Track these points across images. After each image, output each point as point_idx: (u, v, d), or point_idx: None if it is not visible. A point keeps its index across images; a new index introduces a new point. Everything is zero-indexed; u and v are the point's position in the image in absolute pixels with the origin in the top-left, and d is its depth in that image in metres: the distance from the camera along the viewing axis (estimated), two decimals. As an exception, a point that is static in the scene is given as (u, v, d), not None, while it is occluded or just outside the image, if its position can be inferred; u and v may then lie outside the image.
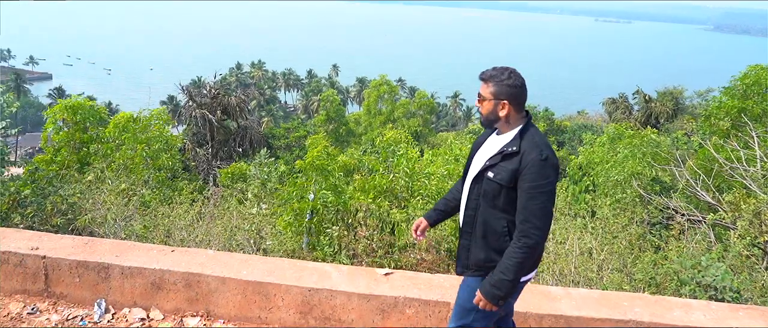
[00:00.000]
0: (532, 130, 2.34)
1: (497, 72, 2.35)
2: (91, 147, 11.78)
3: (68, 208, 6.37)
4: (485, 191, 2.34)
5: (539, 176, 2.21)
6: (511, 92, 2.33)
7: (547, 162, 2.23)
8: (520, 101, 2.35)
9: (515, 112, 2.36)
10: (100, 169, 8.02)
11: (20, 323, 3.32)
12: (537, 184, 2.21)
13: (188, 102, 25.32)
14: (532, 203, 2.20)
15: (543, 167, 2.22)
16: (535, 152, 2.23)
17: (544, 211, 2.21)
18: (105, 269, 3.48)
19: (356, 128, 37.61)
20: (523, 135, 2.32)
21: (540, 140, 2.30)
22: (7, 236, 3.79)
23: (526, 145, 2.28)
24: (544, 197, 2.21)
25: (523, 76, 2.37)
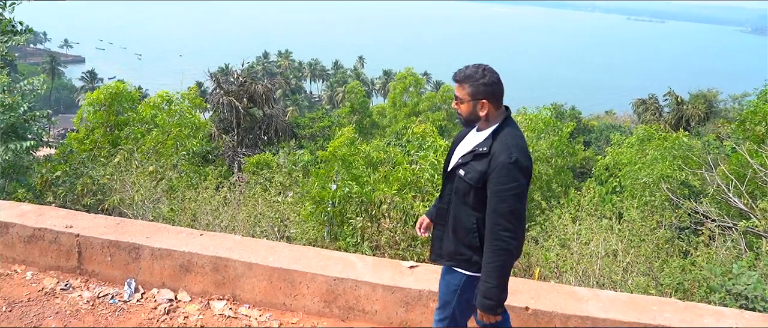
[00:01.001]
0: (506, 130, 2.34)
1: (471, 72, 2.35)
2: (123, 130, 12.04)
3: (98, 189, 6.53)
4: (457, 188, 2.37)
5: (507, 179, 2.22)
6: (487, 91, 2.34)
7: (516, 165, 2.22)
8: (498, 97, 2.36)
9: (494, 109, 2.36)
10: (129, 150, 8.19)
11: (54, 298, 3.42)
12: (505, 187, 2.22)
13: (216, 89, 25.65)
14: (501, 206, 2.22)
15: (511, 170, 2.22)
16: (505, 155, 2.23)
17: (513, 213, 2.21)
18: (136, 250, 3.55)
19: (380, 120, 37.58)
20: (496, 135, 2.32)
21: (512, 141, 2.28)
22: (43, 214, 3.91)
23: (496, 147, 2.28)
24: (513, 199, 2.21)
25: (496, 72, 2.37)
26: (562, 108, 31.38)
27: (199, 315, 3.30)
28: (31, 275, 3.65)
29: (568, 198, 8.62)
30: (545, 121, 12.83)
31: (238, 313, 3.35)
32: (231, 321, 3.27)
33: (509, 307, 3.14)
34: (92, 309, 3.33)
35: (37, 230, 3.72)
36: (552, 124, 13.33)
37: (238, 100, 24.14)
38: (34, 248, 3.74)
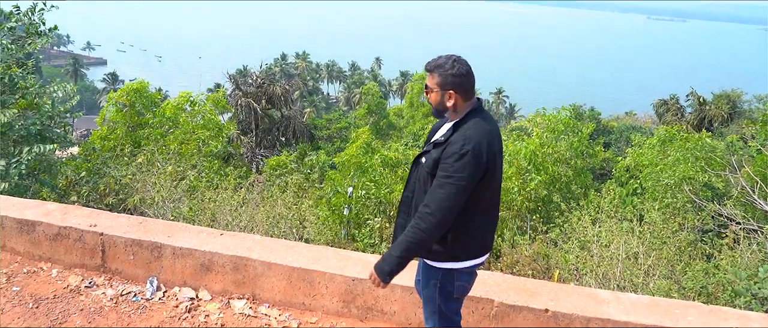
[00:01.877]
0: (471, 122, 2.33)
1: (441, 62, 2.35)
2: (144, 131, 12.24)
3: (120, 188, 6.64)
4: (419, 176, 2.41)
5: (452, 168, 2.22)
6: (455, 82, 2.33)
7: (466, 156, 2.22)
8: (466, 89, 2.35)
9: (463, 100, 2.36)
10: (151, 151, 8.31)
11: (78, 296, 3.49)
12: (448, 174, 2.23)
13: (234, 90, 25.90)
14: (439, 191, 2.23)
15: (459, 160, 2.22)
16: (458, 145, 2.24)
17: (446, 201, 2.21)
18: (158, 249, 3.61)
19: (397, 121, 37.60)
20: (458, 127, 2.33)
21: (471, 133, 2.28)
22: (68, 212, 3.98)
23: (455, 137, 2.29)
24: (453, 188, 2.21)
25: (467, 64, 2.36)
26: (581, 109, 31.04)
27: (220, 314, 3.34)
28: (57, 272, 3.73)
29: (588, 200, 8.52)
30: (564, 122, 12.70)
31: (258, 312, 3.37)
32: (251, 320, 3.30)
33: (528, 309, 3.13)
34: (115, 307, 3.38)
35: (62, 229, 3.80)
36: (571, 125, 13.20)
37: (257, 102, 24.34)
38: (60, 246, 3.82)
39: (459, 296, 2.49)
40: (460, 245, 2.36)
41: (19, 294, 3.49)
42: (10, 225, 3.93)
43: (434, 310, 2.51)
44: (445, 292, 2.45)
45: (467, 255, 2.39)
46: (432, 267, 2.44)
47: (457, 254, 2.38)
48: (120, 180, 6.70)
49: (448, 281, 2.43)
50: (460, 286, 2.45)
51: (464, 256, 2.39)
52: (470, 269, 2.44)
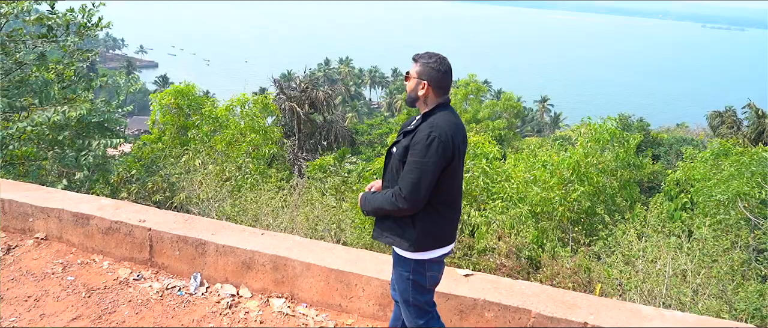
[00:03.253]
0: (438, 114, 2.49)
1: (427, 55, 2.54)
2: (192, 131, 12.66)
3: (168, 186, 6.90)
4: (392, 165, 2.57)
5: (420, 153, 2.38)
6: (431, 75, 2.50)
7: (432, 143, 2.37)
8: (440, 86, 2.51)
9: (434, 95, 2.52)
10: (196, 151, 8.59)
11: (127, 287, 3.64)
12: (417, 160, 2.38)
13: (279, 94, 26.43)
14: (409, 176, 2.39)
15: (426, 146, 2.37)
16: (425, 132, 2.40)
17: (416, 184, 2.38)
18: (202, 245, 3.72)
19: (439, 128, 37.46)
20: (426, 117, 2.49)
21: (439, 122, 2.43)
22: (120, 208, 4.17)
23: (422, 126, 2.45)
24: (419, 173, 2.37)
25: (449, 66, 2.53)
26: (630, 119, 30.09)
27: (259, 311, 3.42)
28: (108, 264, 3.91)
29: (634, 213, 8.26)
30: (610, 132, 12.36)
31: (295, 311, 3.43)
32: (289, 319, 3.36)
33: (566, 321, 3.06)
34: (161, 300, 3.51)
35: (114, 223, 3.98)
36: (617, 135, 12.84)
37: (300, 106, 24.77)
38: (111, 239, 4.00)
39: (431, 286, 2.63)
40: (430, 236, 2.50)
41: (73, 283, 3.67)
42: (66, 218, 4.14)
43: (410, 305, 2.63)
44: (417, 285, 2.58)
45: (436, 245, 2.53)
46: (404, 259, 2.58)
47: (427, 244, 2.51)
48: (168, 178, 6.95)
49: (419, 272, 2.56)
50: (431, 276, 2.59)
51: (433, 246, 2.53)
52: (439, 258, 2.59)
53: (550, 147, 13.88)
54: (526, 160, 10.81)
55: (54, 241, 4.20)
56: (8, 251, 4.07)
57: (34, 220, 4.30)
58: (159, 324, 3.27)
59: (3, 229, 4.38)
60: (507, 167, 10.17)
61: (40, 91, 6.54)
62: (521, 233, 6.98)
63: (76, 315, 3.32)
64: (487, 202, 8.23)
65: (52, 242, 4.19)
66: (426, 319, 2.64)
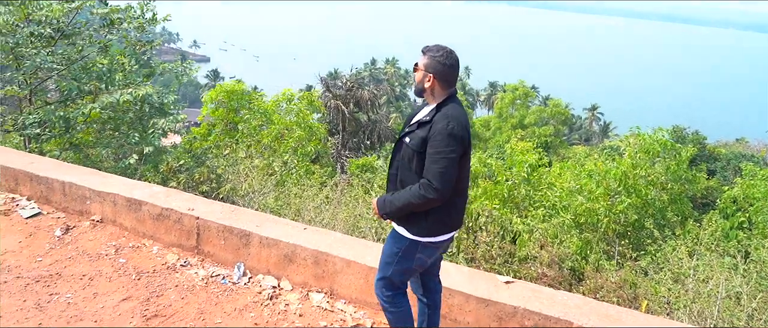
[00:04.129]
0: (450, 105, 2.56)
1: (435, 48, 2.61)
2: (239, 125, 13.02)
3: (215, 177, 7.11)
4: (403, 155, 2.61)
5: (442, 144, 2.45)
6: (437, 68, 2.57)
7: (451, 132, 2.46)
8: (446, 79, 2.58)
9: (440, 88, 2.60)
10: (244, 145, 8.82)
11: (174, 273, 3.77)
12: (439, 150, 2.45)
13: (325, 92, 26.77)
14: (434, 166, 2.45)
15: (446, 137, 2.45)
16: (443, 123, 2.47)
17: (443, 175, 2.44)
18: (246, 236, 3.81)
19: (483, 132, 37.05)
20: (439, 108, 2.56)
21: (452, 113, 2.52)
22: (170, 195, 4.32)
23: (438, 117, 2.52)
24: (445, 162, 2.44)
25: (457, 59, 2.59)
26: (685, 131, 28.91)
27: (299, 304, 3.47)
28: (157, 249, 4.06)
29: (686, 229, 7.92)
30: (660, 144, 11.90)
31: (334, 307, 3.47)
32: (327, 314, 3.40)
33: (611, 336, 2.97)
34: (206, 287, 3.62)
35: (164, 210, 4.12)
36: (668, 147, 12.34)
37: (345, 105, 25.01)
38: (161, 225, 4.15)
39: (417, 267, 2.71)
40: (438, 221, 2.58)
41: (124, 266, 3.83)
42: (121, 202, 4.33)
43: (385, 276, 2.72)
44: (404, 262, 2.67)
45: (438, 231, 2.61)
46: (401, 236, 2.65)
47: (431, 229, 2.59)
48: (215, 170, 7.17)
49: (410, 253, 2.64)
50: (420, 258, 2.67)
51: (435, 232, 2.60)
52: (436, 244, 2.65)
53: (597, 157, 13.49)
54: (572, 169, 10.54)
55: (108, 224, 4.40)
56: (67, 230, 4.29)
57: (91, 203, 4.51)
58: (203, 310, 3.37)
59: (63, 210, 4.61)
60: (551, 175, 9.94)
61: (105, 77, 6.92)
62: (564, 242, 6.82)
63: (126, 296, 3.46)
64: (528, 209, 8.08)
65: (107, 225, 4.38)
66: (395, 292, 2.73)
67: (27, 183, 4.85)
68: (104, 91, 6.98)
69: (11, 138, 8.07)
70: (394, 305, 2.74)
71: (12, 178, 4.94)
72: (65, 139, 7.25)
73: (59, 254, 3.95)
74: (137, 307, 3.35)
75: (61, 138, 7.25)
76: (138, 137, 6.91)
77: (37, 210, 4.60)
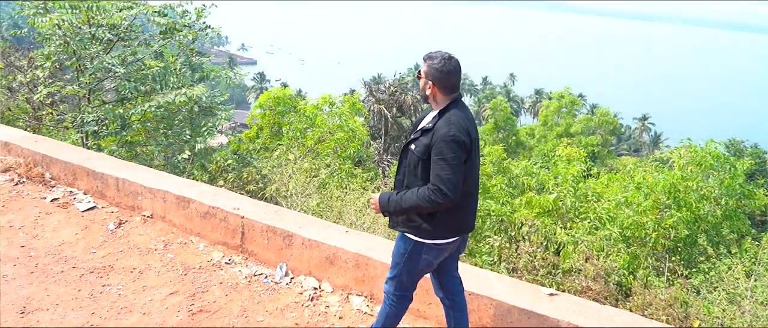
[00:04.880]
0: (452, 110, 2.61)
1: (435, 55, 2.66)
2: (284, 128, 13.29)
3: (260, 178, 7.27)
4: (409, 161, 2.67)
5: (446, 150, 2.50)
6: (435, 75, 2.62)
7: (453, 138, 2.50)
8: (444, 86, 2.63)
9: (441, 94, 2.65)
10: (289, 147, 8.99)
11: (219, 270, 3.86)
12: (444, 156, 2.50)
13: (368, 96, 26.93)
14: (442, 173, 2.50)
15: (448, 142, 2.50)
16: (445, 129, 2.53)
17: (451, 180, 2.49)
18: (289, 237, 3.87)
19: (528, 140, 36.40)
20: (442, 115, 2.61)
21: (455, 119, 2.56)
22: (217, 194, 4.43)
23: (440, 124, 2.57)
24: (451, 168, 2.49)
25: (456, 66, 2.63)
26: (743, 144, 27.57)
27: (339, 306, 3.49)
28: (203, 246, 4.17)
29: (742, 248, 7.54)
30: (714, 156, 11.36)
31: (374, 311, 3.47)
32: (367, 318, 3.41)
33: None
34: (249, 285, 3.69)
35: (211, 208, 4.24)
36: (723, 160, 11.77)
37: (388, 109, 25.09)
38: (208, 223, 4.27)
39: (424, 268, 2.76)
40: (444, 224, 2.63)
41: (172, 261, 3.95)
42: (170, 199, 4.47)
43: (396, 275, 2.80)
44: (411, 263, 2.74)
45: (443, 234, 2.66)
46: (407, 238, 2.72)
47: (436, 232, 2.64)
48: (261, 170, 7.33)
49: (416, 254, 2.70)
50: (426, 259, 2.72)
51: (440, 235, 2.65)
52: (441, 246, 2.70)
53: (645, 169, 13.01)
54: (621, 181, 10.20)
55: (158, 219, 4.55)
56: (120, 225, 4.46)
57: (142, 198, 4.68)
58: (246, 308, 3.43)
59: (116, 204, 4.81)
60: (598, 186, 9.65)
61: (160, 78, 7.22)
62: (611, 256, 6.60)
63: (174, 290, 3.57)
64: (574, 220, 7.87)
65: (157, 221, 4.54)
66: (401, 294, 2.83)
67: (84, 178, 5.08)
68: (159, 92, 7.28)
69: (70, 134, 8.50)
70: (395, 305, 2.85)
71: (70, 172, 5.18)
72: (120, 137, 7.59)
73: (112, 246, 4.12)
74: (183, 301, 3.45)
75: (116, 136, 7.59)
76: (189, 134, 7.19)
77: (92, 204, 4.81)
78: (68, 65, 8.00)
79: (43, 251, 3.98)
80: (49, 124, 9.17)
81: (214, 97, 7.54)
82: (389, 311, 2.88)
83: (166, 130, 7.66)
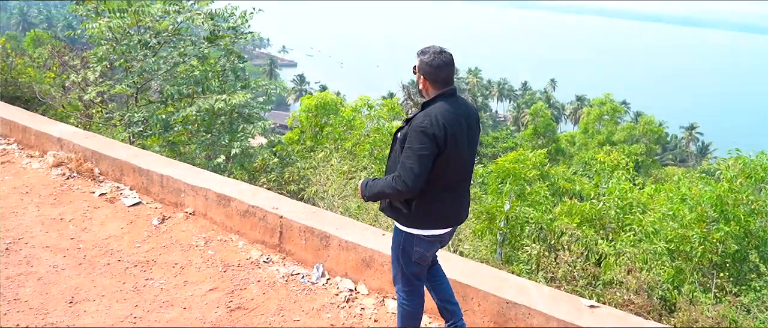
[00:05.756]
0: (437, 104, 2.66)
1: (427, 50, 2.72)
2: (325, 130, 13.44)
3: (300, 178, 7.36)
4: (396, 150, 2.76)
5: (414, 141, 2.57)
6: (425, 70, 2.70)
7: (424, 130, 2.56)
8: (434, 79, 2.69)
9: (431, 88, 2.72)
10: (329, 149, 9.07)
11: (257, 268, 3.92)
12: (411, 147, 2.58)
13: (406, 100, 26.93)
14: (406, 162, 2.59)
15: (418, 134, 2.56)
16: (418, 120, 2.60)
17: (412, 170, 2.56)
18: (326, 238, 3.89)
19: (568, 148, 35.63)
20: (424, 107, 2.70)
21: (434, 112, 2.61)
22: (257, 193, 4.51)
23: (419, 115, 2.64)
24: (414, 158, 2.56)
25: (446, 60, 2.66)
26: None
27: (374, 309, 3.49)
28: (243, 244, 4.24)
29: (798, 266, 7.16)
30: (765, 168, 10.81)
31: (408, 315, 3.45)
32: (402, 322, 3.39)
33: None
34: (286, 284, 3.73)
35: (251, 207, 4.31)
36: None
37: (425, 113, 25.05)
38: (247, 221, 4.34)
39: (418, 260, 2.82)
40: (422, 214, 2.70)
41: (212, 257, 4.04)
42: (212, 197, 4.57)
43: (398, 271, 2.89)
44: (406, 254, 2.82)
45: (427, 225, 2.73)
46: (398, 229, 2.83)
47: (419, 222, 2.71)
48: (301, 171, 7.42)
49: (408, 245, 2.79)
50: (418, 251, 2.79)
51: (424, 225, 2.72)
52: (430, 238, 2.77)
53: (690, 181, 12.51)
54: (669, 192, 9.84)
55: (199, 216, 4.66)
56: (163, 220, 4.59)
57: (185, 196, 4.80)
58: (282, 307, 3.47)
59: (160, 200, 4.95)
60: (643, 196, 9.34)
61: (202, 82, 7.40)
62: (654, 269, 6.38)
63: (213, 287, 3.65)
64: (617, 232, 7.64)
65: (198, 218, 4.65)
66: (411, 288, 2.89)
67: (130, 174, 5.26)
68: (201, 96, 7.47)
69: (118, 132, 8.81)
70: (408, 301, 2.90)
71: (118, 168, 5.37)
72: (164, 138, 7.83)
73: (155, 241, 4.24)
74: (222, 298, 3.52)
75: (159, 137, 7.83)
76: (228, 139, 7.35)
77: (137, 199, 4.96)
78: (117, 65, 8.30)
79: (91, 244, 4.13)
80: (98, 122, 9.53)
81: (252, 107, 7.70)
82: (404, 311, 2.93)
83: (205, 134, 7.85)
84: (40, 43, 33.02)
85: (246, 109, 7.53)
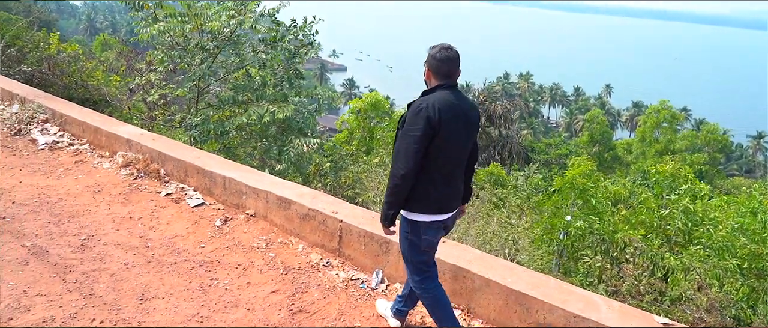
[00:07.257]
0: (437, 93, 2.76)
1: (436, 44, 2.86)
2: (376, 132, 13.49)
3: (356, 182, 7.39)
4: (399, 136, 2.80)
5: (409, 122, 2.69)
6: (430, 61, 2.83)
7: (420, 113, 2.66)
8: (438, 72, 2.81)
9: (434, 79, 2.83)
10: (383, 154, 9.07)
11: (317, 272, 3.94)
12: (407, 128, 2.69)
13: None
14: (400, 143, 2.70)
15: (414, 116, 2.67)
16: (415, 105, 2.72)
17: (405, 151, 2.67)
18: (386, 244, 3.87)
19: (625, 156, 34.33)
20: (423, 95, 2.82)
21: (430, 98, 2.71)
22: (316, 197, 4.54)
23: (416, 101, 2.77)
24: (409, 139, 2.66)
25: (450, 56, 2.79)
26: None
27: (435, 318, 3.43)
28: (302, 248, 4.28)
29: None
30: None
31: (470, 325, 3.38)
32: (463, 332, 3.32)
33: None
34: (345, 289, 3.73)
35: (310, 211, 4.34)
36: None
37: (476, 118, 24.75)
38: (307, 225, 4.38)
39: (426, 248, 2.92)
40: (418, 198, 2.78)
41: (273, 259, 4.10)
42: (272, 200, 4.64)
43: (408, 261, 2.97)
44: (413, 244, 2.90)
45: (424, 210, 2.81)
46: (405, 219, 2.90)
47: (416, 206, 2.80)
48: (356, 175, 7.44)
49: (415, 234, 2.87)
50: (426, 239, 2.89)
51: (422, 209, 2.80)
52: (433, 224, 2.86)
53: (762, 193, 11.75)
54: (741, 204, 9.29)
55: (260, 219, 4.74)
56: (225, 221, 4.70)
57: (246, 198, 4.90)
58: (343, 311, 3.47)
59: (222, 202, 5.07)
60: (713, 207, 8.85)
61: (258, 89, 7.53)
62: (726, 286, 6.01)
63: (275, 289, 3.69)
64: (684, 245, 7.27)
65: (259, 220, 4.73)
66: (422, 277, 2.95)
67: (194, 175, 5.42)
68: (255, 103, 7.58)
69: (179, 133, 9.12)
70: (426, 291, 2.95)
71: (183, 170, 5.54)
72: (220, 143, 8.02)
73: (219, 242, 4.34)
74: (284, 300, 3.55)
75: (216, 141, 8.03)
76: (277, 152, 7.43)
77: (201, 200, 5.11)
78: (179, 68, 8.56)
79: (159, 243, 4.27)
80: (161, 124, 9.90)
81: (302, 118, 7.76)
82: (429, 302, 2.98)
83: (257, 141, 7.95)
84: (108, 46, 34.77)
85: (296, 120, 7.60)
